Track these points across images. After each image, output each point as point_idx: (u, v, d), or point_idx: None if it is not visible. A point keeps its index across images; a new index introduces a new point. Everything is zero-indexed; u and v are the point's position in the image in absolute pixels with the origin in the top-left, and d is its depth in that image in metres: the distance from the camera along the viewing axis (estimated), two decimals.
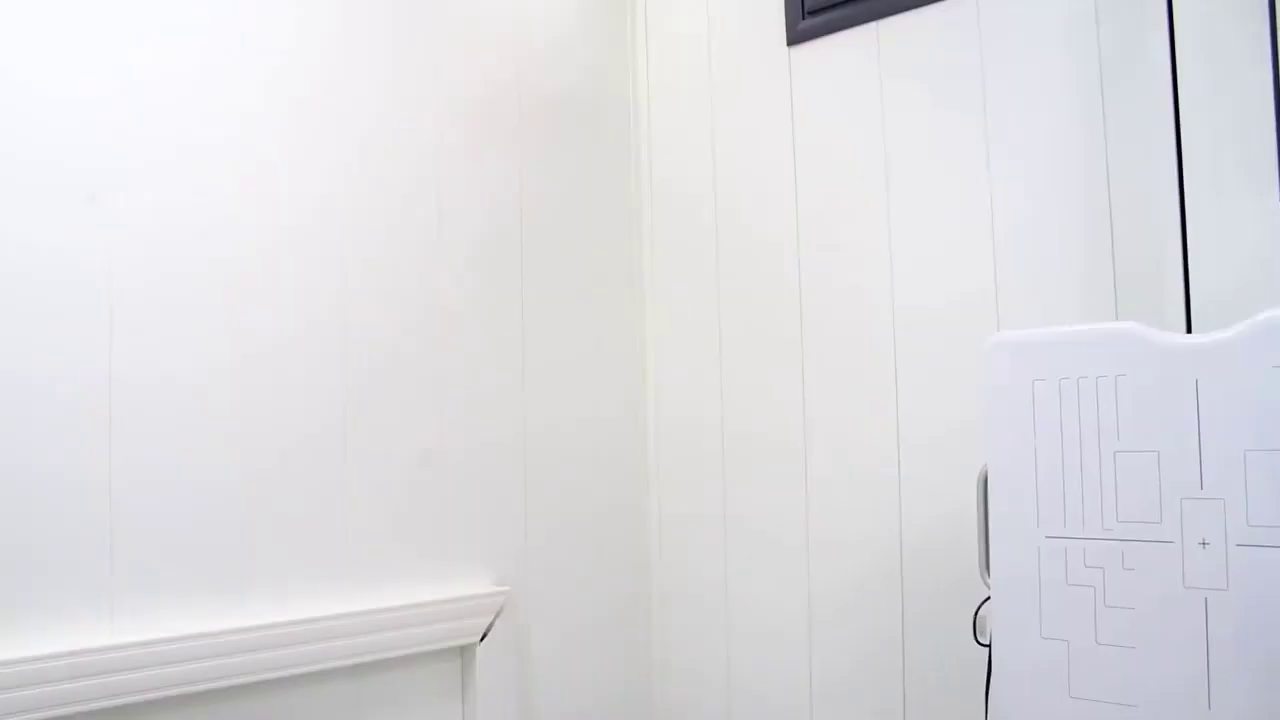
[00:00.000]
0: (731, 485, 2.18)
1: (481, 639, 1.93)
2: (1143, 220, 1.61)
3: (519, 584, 2.02)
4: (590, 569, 2.20)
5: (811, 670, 2.03)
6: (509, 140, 2.10)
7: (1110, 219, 1.68)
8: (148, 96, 1.56)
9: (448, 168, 1.98)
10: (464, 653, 1.94)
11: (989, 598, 1.45)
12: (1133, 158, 1.64)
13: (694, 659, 2.23)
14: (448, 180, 1.97)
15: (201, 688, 1.52)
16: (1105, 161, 1.68)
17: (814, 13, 2.11)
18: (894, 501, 1.92)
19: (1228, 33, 1.42)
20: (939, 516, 1.84)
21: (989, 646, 1.46)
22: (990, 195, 1.83)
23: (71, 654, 1.38)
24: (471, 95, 2.03)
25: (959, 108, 1.87)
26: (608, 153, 2.33)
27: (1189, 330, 1.45)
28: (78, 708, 1.37)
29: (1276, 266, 1.36)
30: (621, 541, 2.29)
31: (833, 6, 2.08)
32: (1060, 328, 1.44)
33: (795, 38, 2.13)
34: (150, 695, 1.46)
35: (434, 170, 1.95)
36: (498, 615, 1.94)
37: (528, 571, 2.05)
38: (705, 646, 2.20)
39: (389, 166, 1.88)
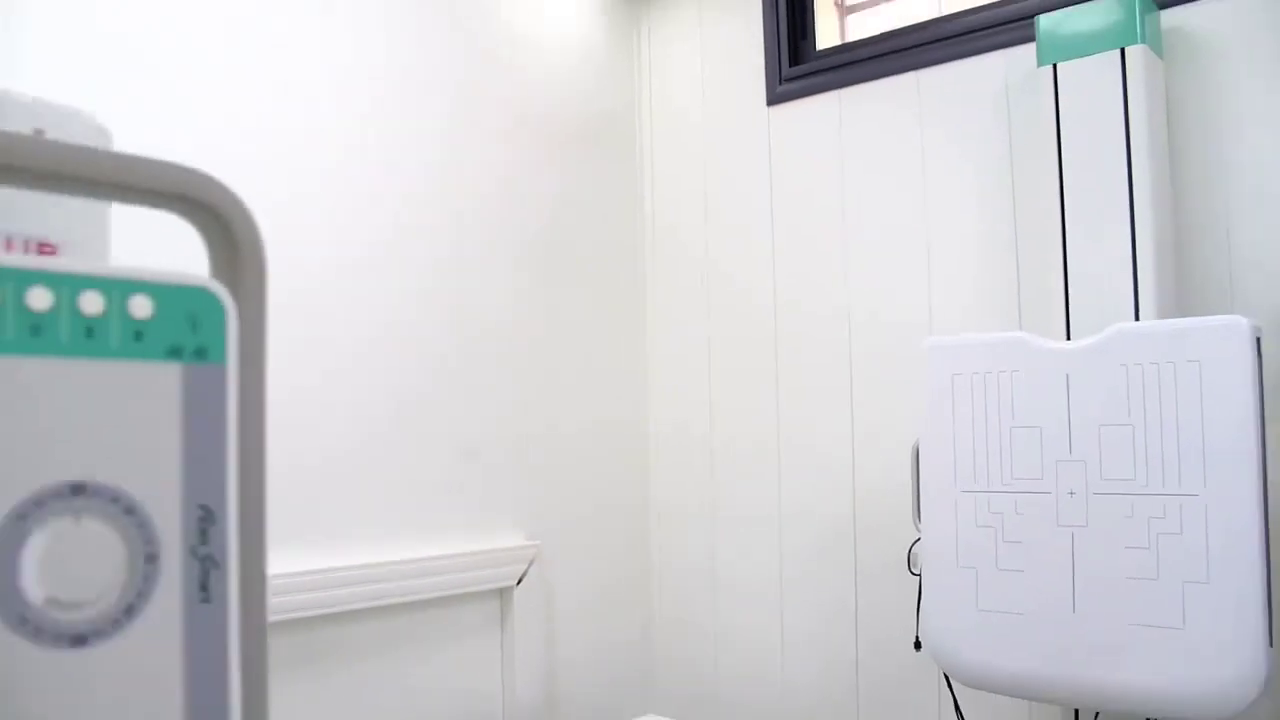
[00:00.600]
0: (719, 470, 2.65)
1: (518, 583, 2.39)
2: (1038, 258, 2.11)
3: (547, 542, 2.48)
4: (603, 535, 2.67)
5: (783, 608, 2.51)
6: (537, 188, 2.57)
7: (1015, 255, 2.18)
8: (262, 147, 2.02)
9: (486, 214, 2.44)
10: (503, 594, 2.39)
11: (919, 538, 1.93)
12: (1031, 211, 2.14)
13: (686, 611, 2.69)
14: (485, 224, 2.44)
15: (313, 613, 1.96)
16: (1012, 211, 2.18)
17: (789, 80, 2.60)
18: (848, 475, 2.40)
19: (1096, 117, 1.91)
20: (882, 483, 2.32)
21: (919, 575, 1.94)
22: (926, 236, 2.32)
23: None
24: (508, 159, 2.50)
25: (902, 163, 2.37)
26: (618, 196, 2.80)
27: (1068, 338, 1.94)
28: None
29: (1125, 294, 1.86)
30: (627, 518, 2.75)
31: (803, 76, 2.58)
32: (975, 335, 1.93)
33: (774, 99, 2.62)
34: (278, 617, 1.90)
35: (474, 216, 2.42)
36: (530, 564, 2.40)
37: (554, 534, 2.51)
38: (697, 602, 2.67)
39: (434, 213, 2.35)
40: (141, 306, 0.47)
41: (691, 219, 2.74)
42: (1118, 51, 1.92)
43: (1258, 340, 1.66)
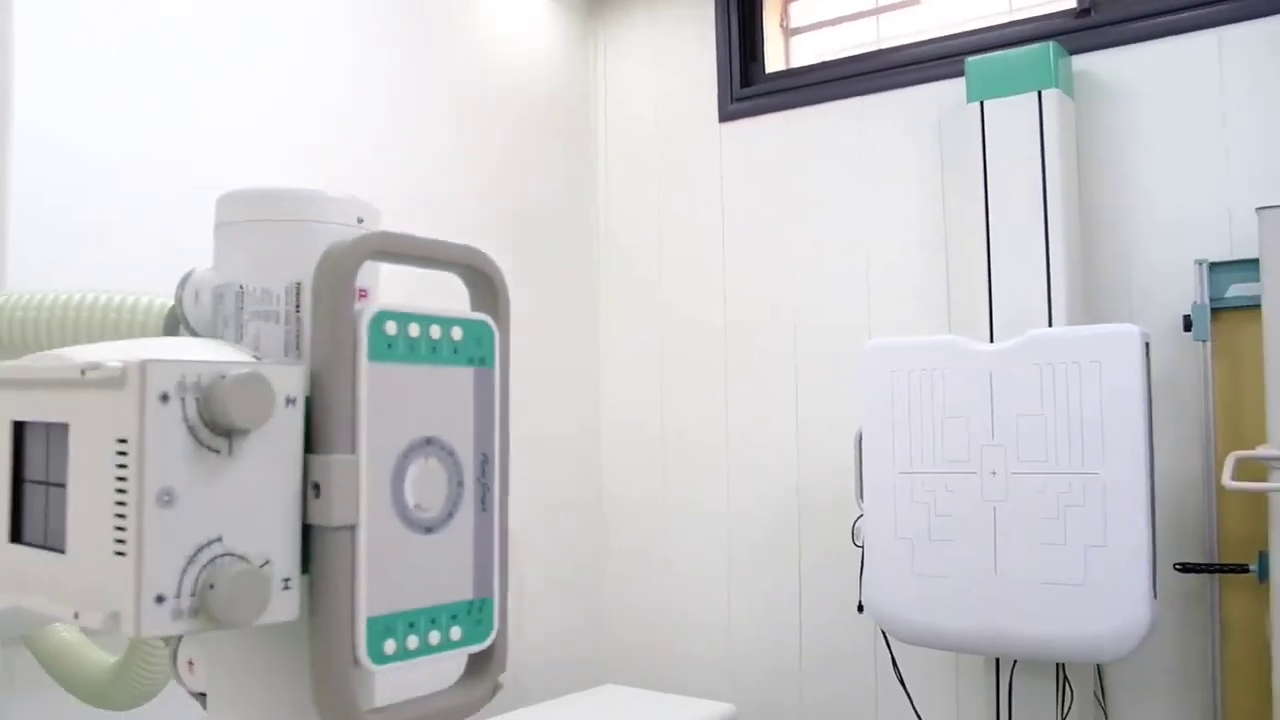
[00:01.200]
0: (671, 463, 2.94)
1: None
2: (965, 270, 2.45)
3: (514, 532, 2.73)
4: (563, 525, 2.92)
5: (730, 585, 2.81)
6: (496, 193, 2.81)
7: (946, 268, 2.52)
8: (266, 148, 2.22)
9: (450, 220, 2.68)
10: None
11: (861, 515, 2.25)
12: (960, 229, 2.47)
13: (640, 593, 2.98)
14: (450, 230, 2.68)
15: None
16: (943, 229, 2.52)
17: (739, 100, 2.90)
18: (794, 465, 2.71)
19: (1017, 150, 2.25)
20: (825, 470, 2.64)
21: (861, 547, 2.26)
22: (866, 248, 2.64)
23: None
24: (486, 184, 2.73)
25: (844, 181, 2.68)
26: (573, 203, 3.03)
27: (991, 341, 2.28)
28: None
29: (1040, 304, 2.21)
30: (584, 509, 3.01)
31: (753, 97, 2.88)
32: (910, 338, 2.25)
33: (725, 116, 2.91)
34: None
35: (441, 222, 2.65)
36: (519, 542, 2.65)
37: (520, 525, 2.75)
38: (650, 585, 2.96)
39: (404, 220, 2.57)
40: (458, 332, 0.75)
41: (645, 225, 3.01)
42: (1035, 93, 2.26)
43: (1146, 345, 2.02)
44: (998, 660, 2.23)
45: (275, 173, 2.21)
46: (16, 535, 0.73)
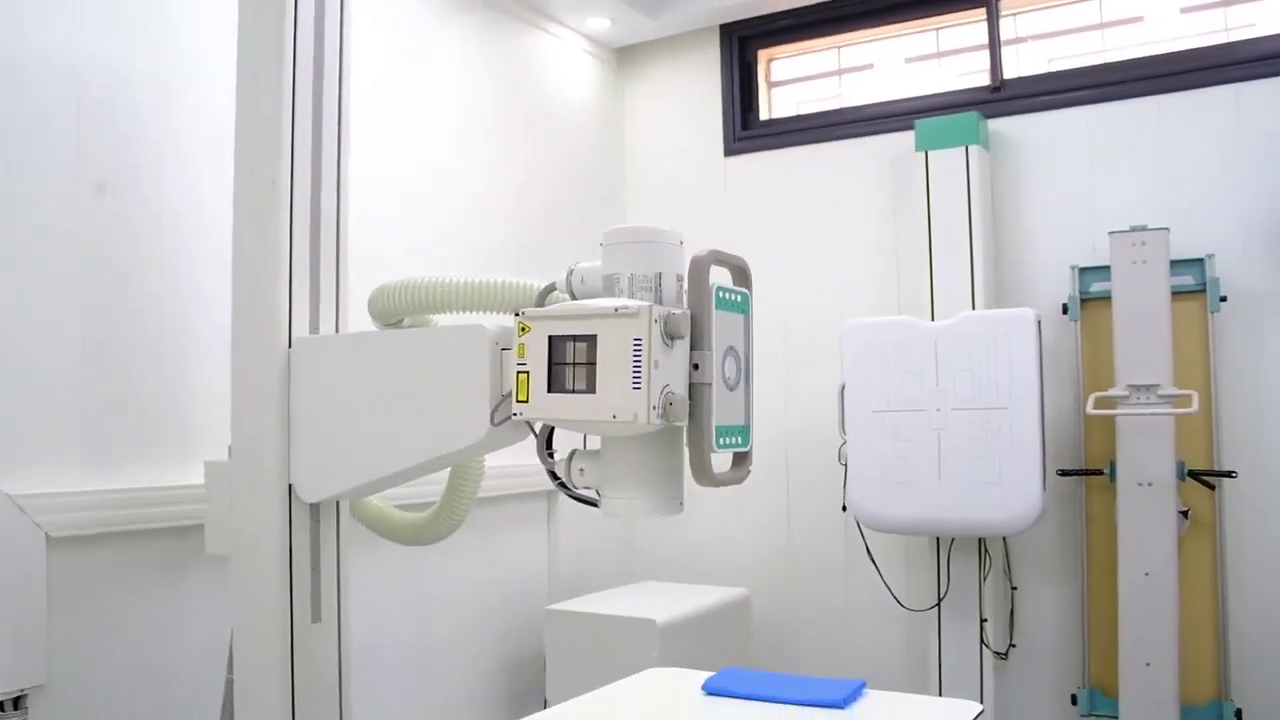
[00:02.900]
0: None
1: None
2: (913, 272, 3.39)
3: None
4: None
5: (737, 510, 3.72)
6: (539, 205, 3.67)
7: (897, 270, 3.47)
8: (395, 179, 3.04)
9: (505, 237, 3.53)
10: (549, 496, 3.49)
11: (844, 442, 3.18)
12: (909, 242, 3.43)
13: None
14: (502, 248, 3.53)
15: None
16: (895, 242, 3.48)
17: (740, 139, 3.81)
18: (782, 415, 3.64)
19: (950, 188, 3.22)
20: (810, 416, 3.57)
21: (845, 466, 3.19)
22: (838, 254, 3.58)
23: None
24: (543, 204, 3.59)
25: (822, 203, 3.62)
26: (603, 219, 3.92)
27: (933, 320, 3.24)
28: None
29: (965, 294, 3.18)
30: None
31: (751, 137, 3.80)
32: (875, 318, 3.20)
33: (730, 151, 3.82)
34: None
35: (497, 238, 3.50)
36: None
37: None
38: None
39: (469, 232, 3.42)
40: (738, 298, 1.63)
41: None
42: (964, 147, 3.24)
43: (1038, 323, 2.99)
44: (939, 540, 3.20)
45: (430, 208, 3.05)
46: (551, 389, 1.58)
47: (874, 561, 3.27)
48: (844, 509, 3.19)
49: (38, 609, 2.09)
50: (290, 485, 1.98)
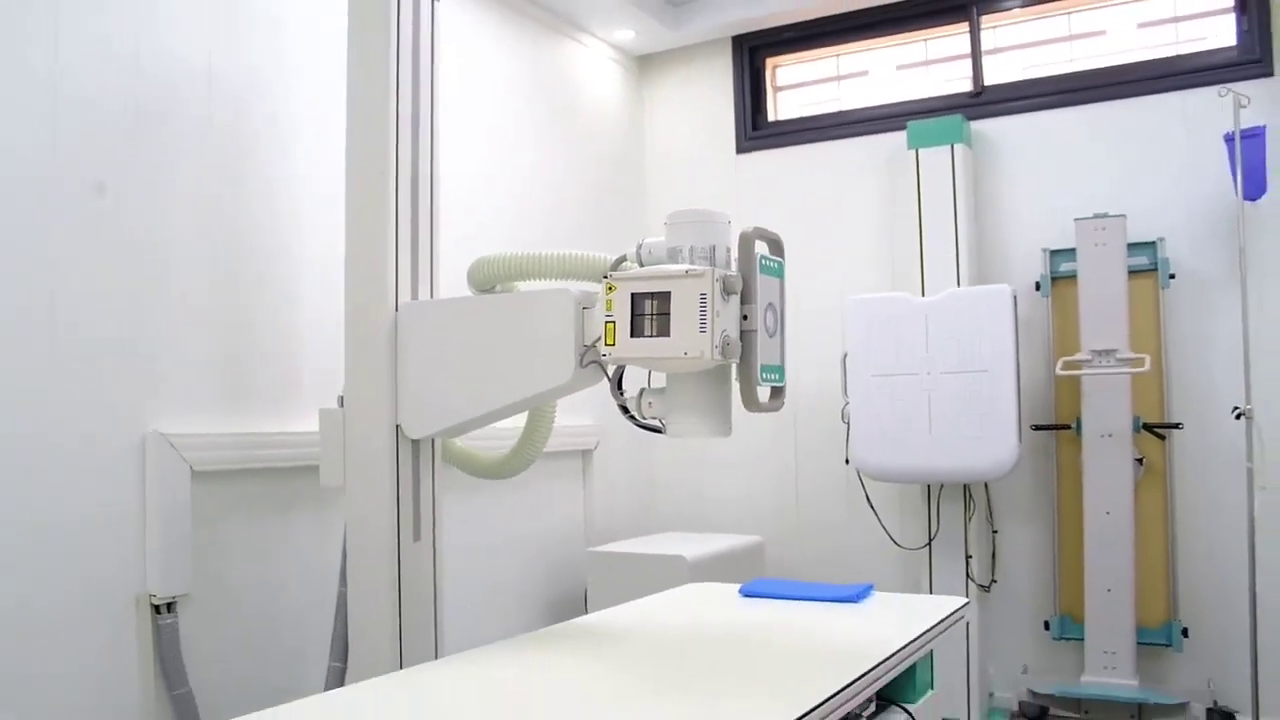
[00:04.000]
0: None
1: (595, 448, 3.91)
2: (906, 254, 3.82)
3: (605, 425, 4.00)
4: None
5: (749, 466, 4.13)
6: (572, 198, 4.08)
7: (892, 252, 3.90)
8: (470, 175, 3.45)
9: (544, 220, 3.94)
10: (585, 455, 3.90)
11: (847, 403, 3.61)
12: (902, 230, 3.85)
13: (684, 469, 4.28)
14: (546, 226, 3.94)
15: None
16: (891, 229, 3.91)
17: (751, 139, 4.23)
18: (791, 382, 4.05)
19: (938, 182, 3.65)
20: (815, 382, 3.99)
21: (848, 424, 3.61)
22: (838, 239, 4.01)
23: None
24: (576, 199, 4.00)
25: (825, 195, 4.04)
26: (627, 211, 4.33)
27: (924, 295, 3.66)
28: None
29: (951, 273, 3.61)
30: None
31: (760, 137, 4.22)
32: (873, 294, 3.62)
33: (741, 149, 4.24)
34: None
35: (538, 222, 3.91)
36: (600, 438, 3.93)
37: (608, 419, 4.02)
38: (691, 462, 4.26)
39: (517, 218, 3.83)
40: (775, 264, 2.05)
41: None
42: (950, 146, 3.66)
43: (1014, 297, 3.42)
44: (929, 487, 3.63)
45: (484, 198, 3.46)
46: (633, 335, 1.99)
47: (873, 508, 3.70)
48: (846, 462, 3.61)
49: (185, 531, 2.49)
50: (398, 425, 2.38)
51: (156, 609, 2.44)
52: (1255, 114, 3.22)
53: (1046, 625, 3.62)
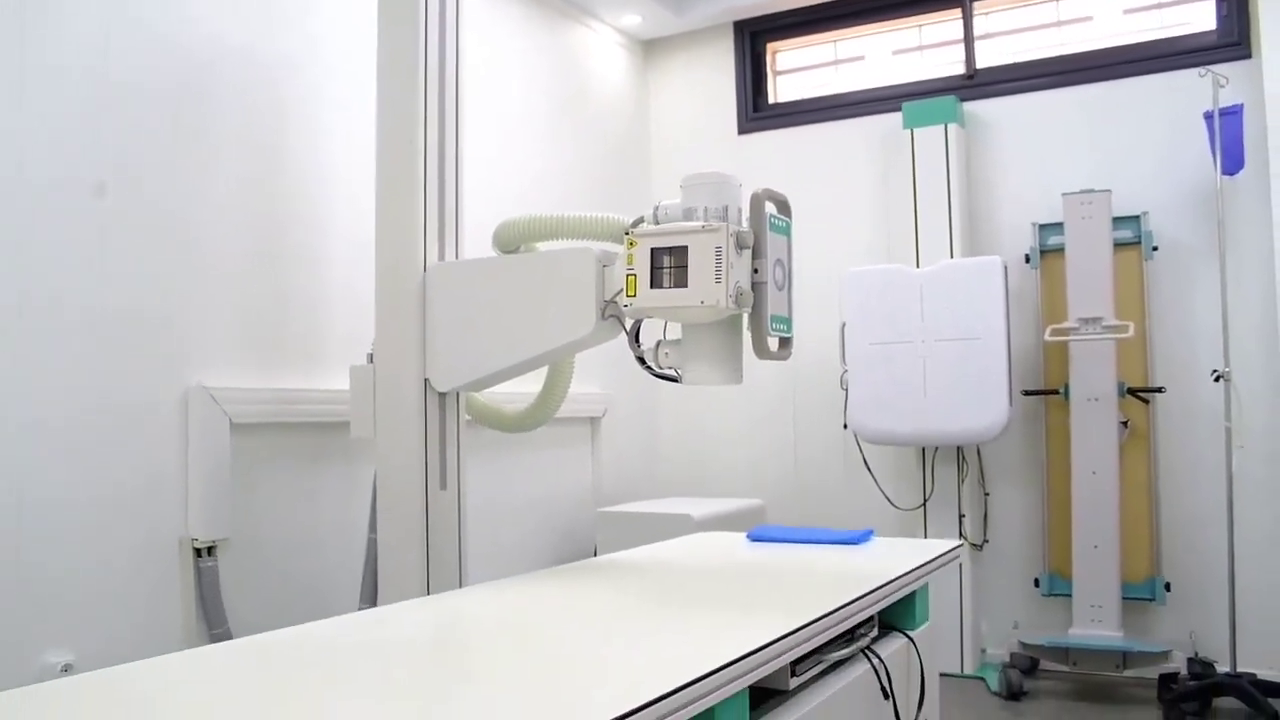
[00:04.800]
0: None
1: (603, 415, 4.04)
2: (901, 228, 3.97)
3: (615, 392, 4.14)
4: (641, 391, 4.34)
5: (751, 432, 4.27)
6: (580, 177, 4.21)
7: (887, 226, 4.04)
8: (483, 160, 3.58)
9: (556, 196, 4.07)
10: (593, 422, 4.04)
11: (846, 370, 3.75)
12: (897, 206, 4.00)
13: (685, 435, 4.42)
14: (555, 201, 4.07)
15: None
16: (886, 205, 4.05)
17: (752, 119, 4.37)
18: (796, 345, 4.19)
19: (932, 160, 3.79)
20: (814, 352, 4.13)
21: (846, 390, 3.75)
22: (836, 214, 4.15)
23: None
24: (584, 173, 4.13)
25: (823, 173, 4.18)
26: (633, 187, 4.47)
27: (919, 266, 3.80)
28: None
29: (945, 244, 3.75)
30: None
31: (761, 118, 4.35)
32: (870, 266, 3.76)
33: (742, 130, 4.37)
34: None
35: (553, 197, 4.04)
36: (608, 406, 4.06)
37: (617, 389, 4.16)
38: (693, 427, 4.40)
39: (534, 192, 3.96)
40: (783, 224, 2.19)
41: None
42: (944, 125, 3.80)
43: (1005, 268, 3.57)
44: (924, 450, 3.77)
45: (500, 177, 3.58)
46: (653, 286, 2.12)
47: (870, 471, 3.84)
48: (845, 427, 3.75)
49: (224, 480, 2.63)
50: (426, 379, 2.52)
51: (198, 552, 2.57)
52: (1233, 93, 3.36)
53: (1036, 583, 3.77)
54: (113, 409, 2.42)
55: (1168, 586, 3.56)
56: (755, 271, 2.13)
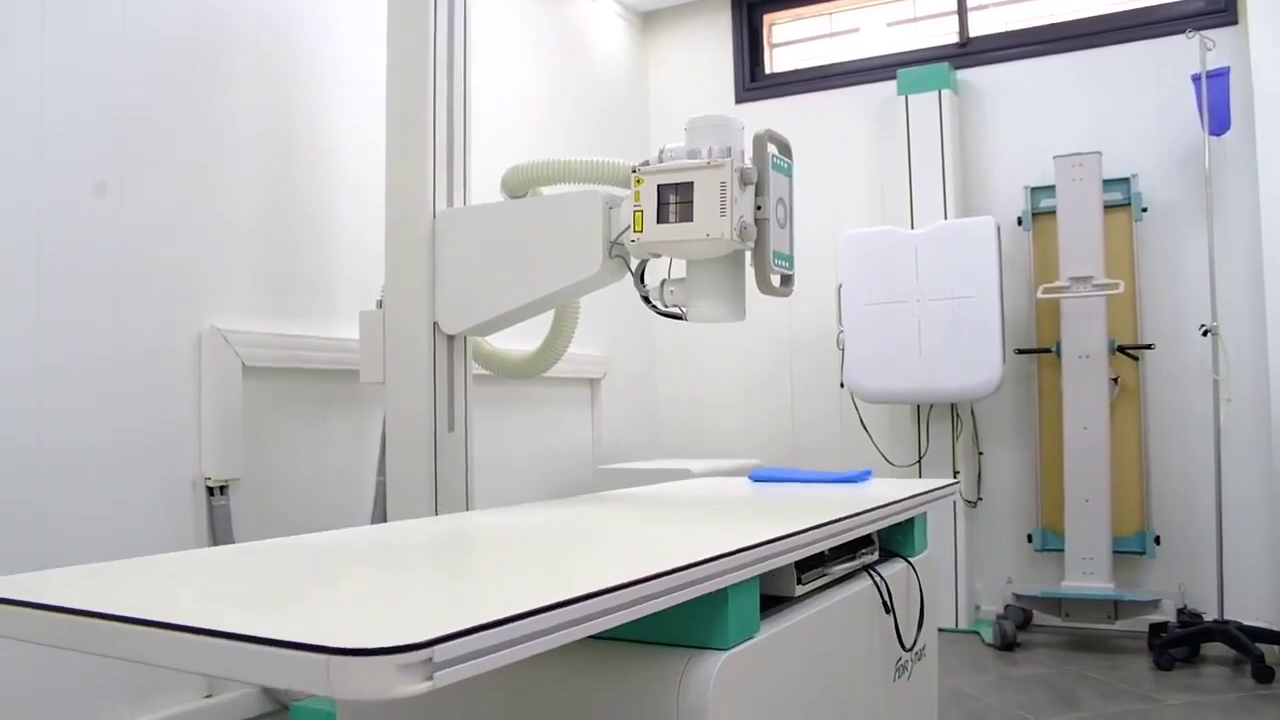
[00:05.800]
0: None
1: (603, 377, 4.08)
2: (895, 190, 4.02)
3: (614, 355, 4.18)
4: (645, 352, 4.39)
5: (746, 394, 4.32)
6: (577, 146, 4.26)
7: (882, 189, 4.09)
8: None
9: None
10: (593, 383, 4.08)
11: (842, 331, 3.80)
12: (891, 171, 4.04)
13: (680, 392, 4.47)
14: None
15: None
16: (880, 171, 4.10)
17: (749, 89, 4.41)
18: (786, 314, 4.25)
19: (926, 126, 3.83)
20: (811, 314, 4.18)
21: (843, 350, 3.80)
22: (833, 179, 4.20)
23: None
24: (585, 144, 4.18)
25: (820, 141, 4.23)
26: (631, 156, 4.51)
27: (913, 228, 3.85)
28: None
29: (939, 206, 3.80)
30: (650, 351, 4.49)
31: (758, 88, 4.39)
32: (868, 228, 3.81)
33: (739, 100, 4.42)
34: None
35: None
36: (608, 368, 4.11)
37: (617, 351, 4.20)
38: (685, 387, 4.45)
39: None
40: (785, 164, 2.23)
41: None
42: (937, 92, 3.85)
43: (998, 230, 3.62)
44: (919, 408, 3.82)
45: (502, 143, 3.62)
46: (659, 221, 2.17)
47: (866, 429, 3.90)
48: (841, 385, 3.80)
49: (236, 420, 2.66)
50: (435, 322, 2.56)
51: (211, 491, 2.61)
52: (1220, 57, 3.42)
53: (1030, 538, 3.83)
54: (129, 352, 2.45)
55: (1157, 540, 3.62)
56: (758, 209, 2.18)
